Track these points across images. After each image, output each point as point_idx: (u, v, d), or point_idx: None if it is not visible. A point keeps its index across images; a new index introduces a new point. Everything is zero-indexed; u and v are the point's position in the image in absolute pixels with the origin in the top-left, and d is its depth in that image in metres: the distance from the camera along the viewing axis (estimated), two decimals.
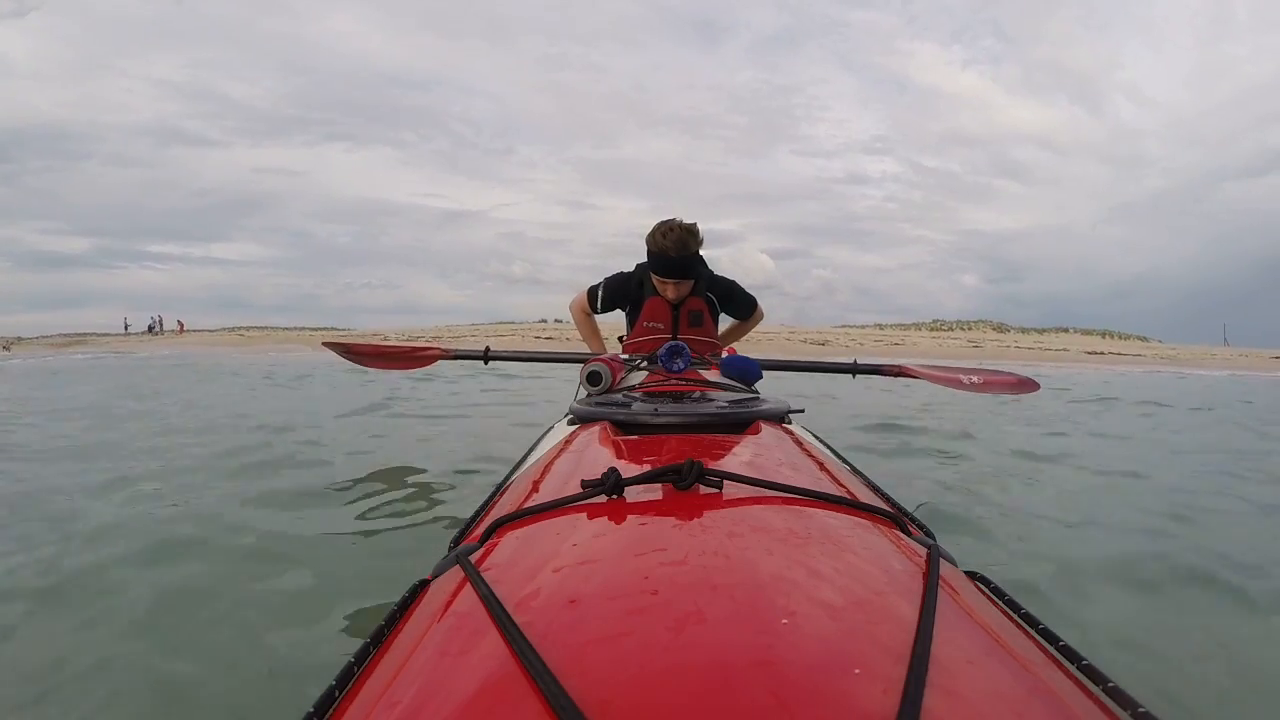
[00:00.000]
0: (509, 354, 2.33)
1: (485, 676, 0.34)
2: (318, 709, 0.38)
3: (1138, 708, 0.37)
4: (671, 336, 2.08)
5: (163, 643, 1.20)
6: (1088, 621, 1.35)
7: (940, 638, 0.35)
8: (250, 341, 28.21)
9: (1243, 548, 1.85)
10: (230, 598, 1.39)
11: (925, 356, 22.71)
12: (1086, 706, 0.36)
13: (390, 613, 0.48)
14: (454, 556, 0.52)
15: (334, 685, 0.40)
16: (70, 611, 1.35)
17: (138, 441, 3.23)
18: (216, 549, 1.68)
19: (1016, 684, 0.35)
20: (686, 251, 1.94)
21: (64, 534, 1.78)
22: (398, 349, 2.55)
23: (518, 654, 0.34)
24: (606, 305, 2.28)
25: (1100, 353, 28.38)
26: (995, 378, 2.18)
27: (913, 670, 0.31)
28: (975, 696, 0.33)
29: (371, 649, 0.44)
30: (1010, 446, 3.45)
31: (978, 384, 2.13)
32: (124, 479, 2.42)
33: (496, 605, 0.39)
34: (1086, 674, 0.41)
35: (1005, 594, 0.52)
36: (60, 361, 16.22)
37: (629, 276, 2.20)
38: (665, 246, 1.93)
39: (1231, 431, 4.79)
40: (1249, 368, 23.62)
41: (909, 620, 0.36)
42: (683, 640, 0.34)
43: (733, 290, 2.25)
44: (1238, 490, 2.66)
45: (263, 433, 3.49)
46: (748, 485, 0.57)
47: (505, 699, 0.32)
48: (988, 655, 0.38)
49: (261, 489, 2.26)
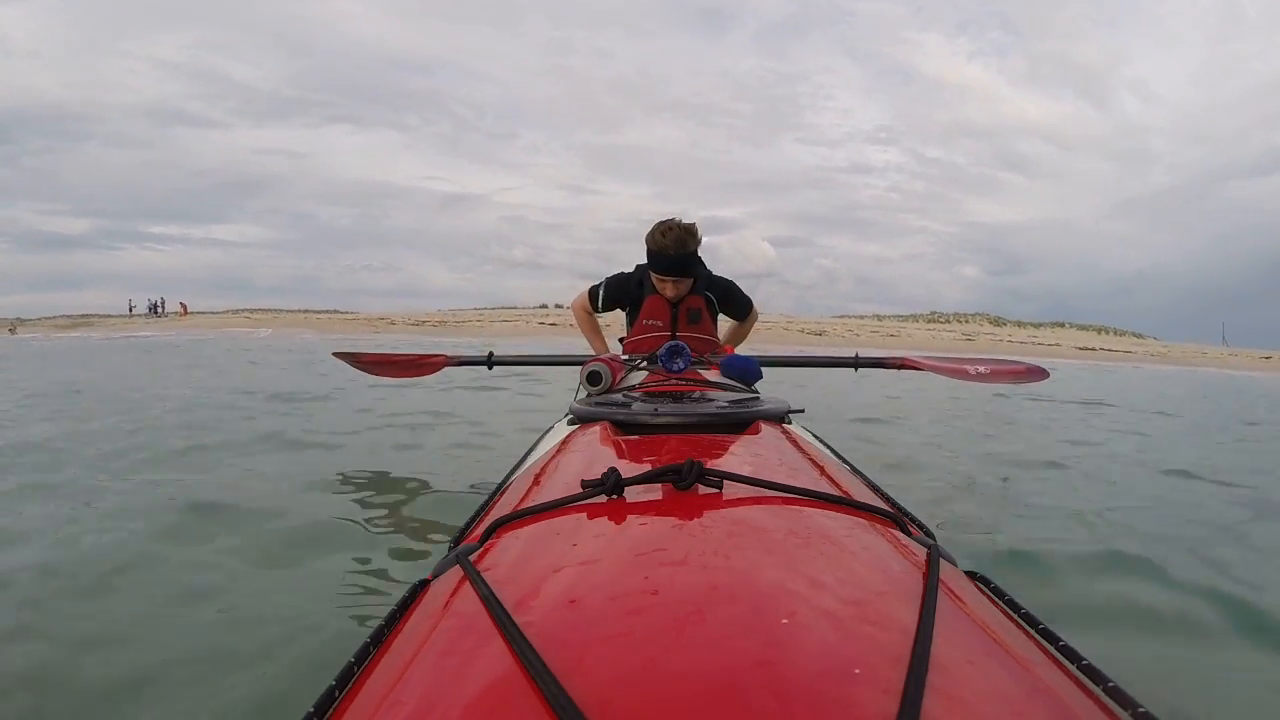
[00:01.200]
0: (512, 359, 2.35)
1: (485, 677, 0.34)
2: (317, 709, 0.38)
3: (1138, 708, 0.37)
4: (671, 334, 2.11)
5: (159, 641, 1.21)
6: (1085, 621, 1.35)
7: (940, 638, 0.35)
8: (258, 324, 28.22)
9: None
10: (230, 598, 1.39)
11: (920, 348, 23.06)
12: (1086, 706, 0.36)
13: (390, 613, 0.48)
14: (454, 557, 0.52)
15: (334, 685, 0.40)
16: (67, 600, 1.35)
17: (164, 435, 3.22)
18: (216, 549, 1.68)
19: (1016, 684, 0.35)
20: (685, 250, 1.99)
21: (69, 518, 1.78)
22: (405, 358, 2.56)
23: (518, 654, 0.34)
24: (607, 304, 2.31)
25: (1092, 349, 28.74)
26: (1002, 367, 2.12)
27: (912, 671, 0.31)
28: (975, 697, 0.33)
29: (371, 649, 0.44)
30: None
31: (985, 374, 2.08)
32: (125, 468, 2.42)
33: (497, 605, 0.39)
34: (1087, 674, 0.41)
35: (1005, 594, 0.52)
36: (86, 343, 15.93)
37: (629, 276, 2.24)
38: (664, 245, 1.97)
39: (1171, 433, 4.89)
40: (1236, 367, 24.03)
41: (909, 621, 0.36)
42: (683, 640, 0.34)
43: (731, 290, 2.28)
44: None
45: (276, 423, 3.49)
46: (748, 485, 0.57)
47: (505, 699, 0.32)
48: (988, 655, 0.38)
49: (260, 487, 2.26)
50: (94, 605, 1.36)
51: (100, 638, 1.23)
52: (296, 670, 1.09)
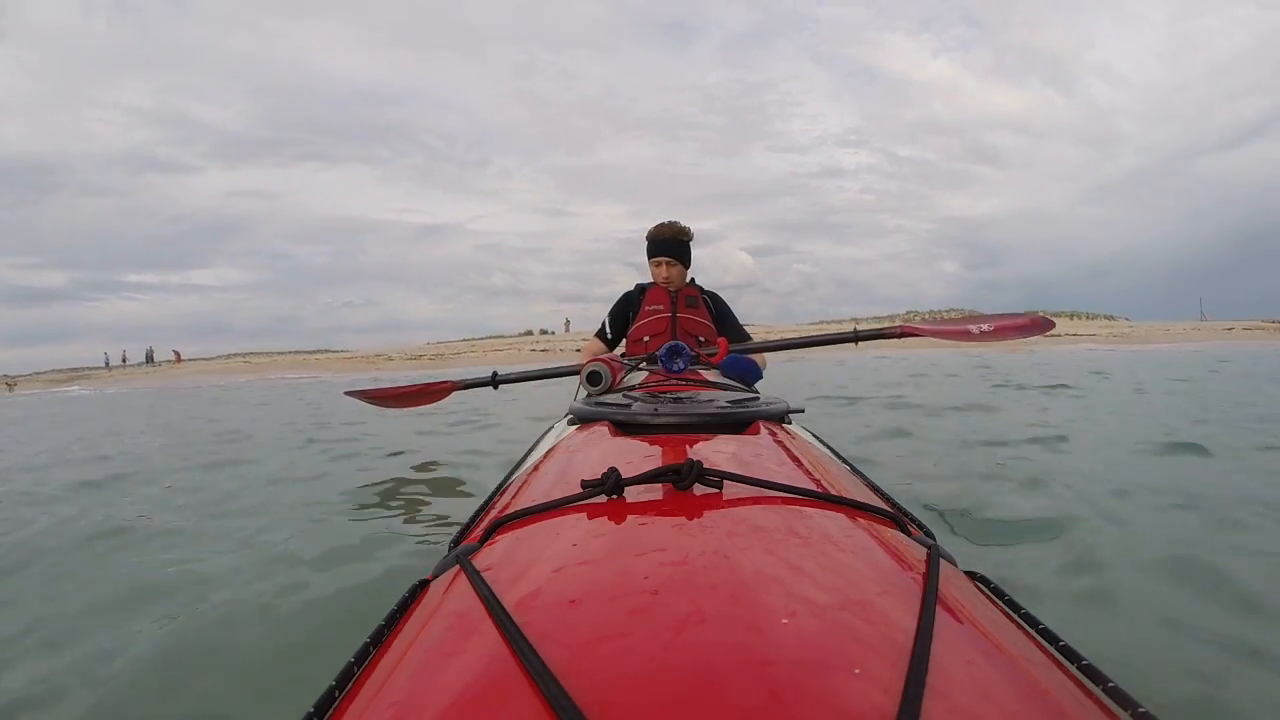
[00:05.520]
0: (517, 375, 2.38)
1: (485, 676, 0.34)
2: (317, 709, 0.38)
3: (1137, 708, 0.37)
4: (671, 315, 2.29)
5: (159, 641, 1.21)
6: (1087, 619, 1.35)
7: (940, 638, 0.35)
8: (260, 369, 28.74)
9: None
10: (230, 597, 1.39)
11: (892, 344, 23.46)
12: (1086, 706, 0.36)
13: (390, 613, 0.48)
14: (454, 556, 0.52)
15: (334, 685, 0.40)
16: (81, 607, 1.35)
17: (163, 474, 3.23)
18: (215, 547, 1.68)
19: (1016, 684, 0.35)
20: (679, 236, 2.32)
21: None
22: (413, 389, 2.60)
23: (517, 654, 0.34)
24: (616, 324, 2.45)
25: (1057, 335, 29.44)
26: (1006, 321, 2.04)
27: (912, 671, 0.31)
28: (975, 697, 0.33)
29: (371, 649, 0.44)
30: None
31: (988, 331, 2.01)
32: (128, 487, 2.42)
33: (496, 605, 0.39)
34: (1086, 674, 0.41)
35: (1005, 594, 0.52)
36: (123, 397, 15.35)
37: (628, 292, 2.47)
38: (661, 231, 2.33)
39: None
40: (1199, 340, 25.10)
41: (908, 621, 0.36)
42: (683, 640, 0.34)
43: (724, 307, 2.44)
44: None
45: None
46: (747, 485, 0.57)
47: (505, 699, 0.32)
48: (987, 656, 0.38)
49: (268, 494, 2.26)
50: (94, 606, 1.37)
51: (100, 637, 1.23)
52: (296, 670, 1.09)
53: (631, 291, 2.45)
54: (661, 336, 2.22)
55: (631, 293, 2.44)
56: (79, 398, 13.79)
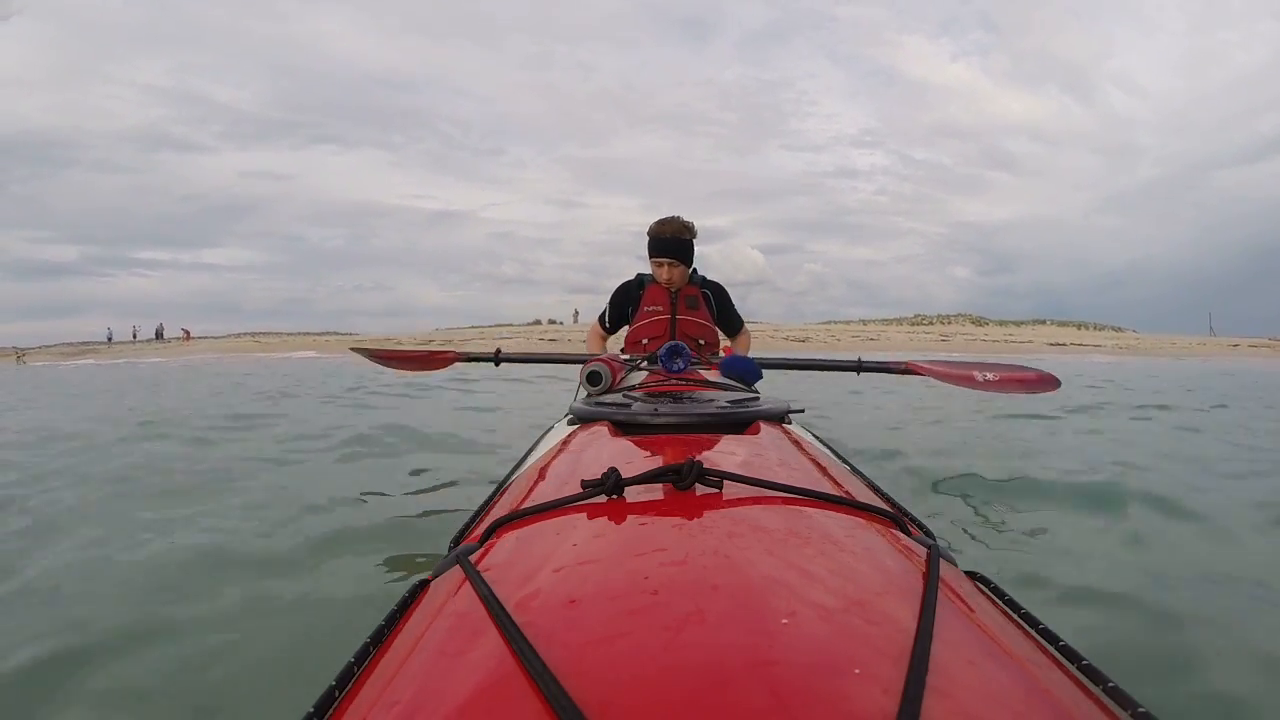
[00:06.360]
0: (519, 356, 2.39)
1: (485, 677, 0.34)
2: (317, 709, 0.38)
3: (1137, 708, 0.37)
4: (670, 317, 2.28)
5: (157, 640, 1.20)
6: (1085, 620, 1.35)
7: (940, 638, 0.35)
8: (270, 348, 29.19)
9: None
10: (230, 597, 1.39)
11: (898, 349, 23.57)
12: (1086, 706, 0.36)
13: (390, 613, 0.48)
14: (454, 556, 0.52)
15: (334, 685, 0.40)
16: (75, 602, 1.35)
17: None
18: (214, 547, 1.68)
19: (1016, 684, 0.35)
20: (680, 235, 2.24)
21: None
22: (417, 354, 2.61)
23: (518, 654, 0.34)
24: (615, 314, 2.45)
25: (1063, 344, 29.55)
26: (1012, 374, 2.03)
27: (913, 671, 0.31)
28: (975, 697, 0.33)
29: (371, 649, 0.44)
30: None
31: (992, 381, 1.99)
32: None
33: (496, 605, 0.39)
34: (1086, 674, 0.41)
35: (1005, 594, 0.52)
36: (132, 370, 15.44)
37: (629, 281, 2.43)
38: (662, 230, 2.25)
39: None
40: (1204, 354, 25.38)
41: (909, 621, 0.36)
42: (683, 640, 0.34)
43: (724, 296, 2.44)
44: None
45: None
46: (747, 485, 0.56)
47: (505, 699, 0.32)
48: (988, 656, 0.38)
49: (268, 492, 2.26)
50: (91, 604, 1.36)
51: (100, 638, 1.23)
52: (296, 670, 1.09)
53: (631, 282, 2.41)
54: (660, 339, 2.21)
55: (631, 283, 2.41)
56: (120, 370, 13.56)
